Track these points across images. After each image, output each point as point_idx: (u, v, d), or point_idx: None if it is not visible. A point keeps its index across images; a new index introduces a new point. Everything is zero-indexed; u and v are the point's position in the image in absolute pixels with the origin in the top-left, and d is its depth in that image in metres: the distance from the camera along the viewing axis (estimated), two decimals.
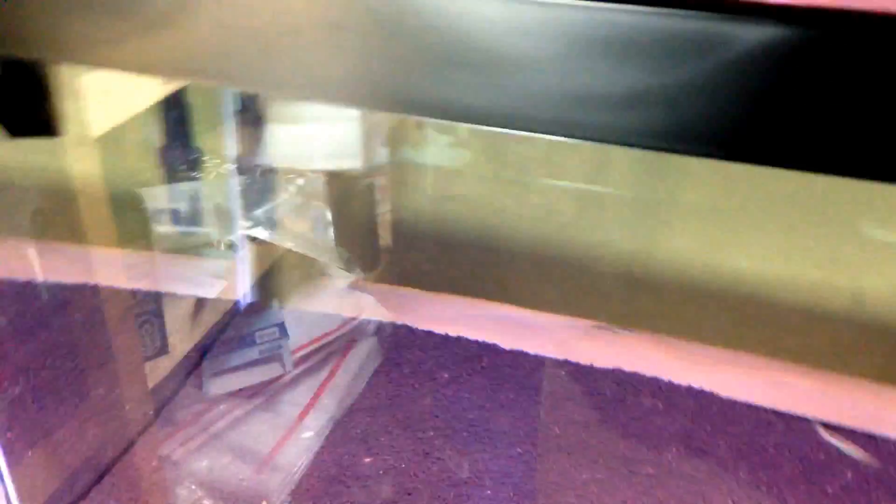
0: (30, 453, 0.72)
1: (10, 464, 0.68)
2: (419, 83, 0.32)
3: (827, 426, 0.81)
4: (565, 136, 0.31)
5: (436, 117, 0.32)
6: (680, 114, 0.29)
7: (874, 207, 0.95)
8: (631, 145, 0.31)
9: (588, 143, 0.31)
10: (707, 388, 0.84)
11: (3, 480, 0.68)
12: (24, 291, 0.79)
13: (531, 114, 0.31)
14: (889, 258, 0.95)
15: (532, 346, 0.90)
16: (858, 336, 0.99)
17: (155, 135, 0.87)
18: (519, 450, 0.77)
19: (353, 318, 0.97)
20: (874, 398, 0.84)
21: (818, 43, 0.26)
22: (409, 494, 0.74)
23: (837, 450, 0.78)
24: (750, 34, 0.27)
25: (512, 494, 0.73)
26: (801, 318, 1.01)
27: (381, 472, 0.76)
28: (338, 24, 0.31)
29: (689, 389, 0.84)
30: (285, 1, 0.32)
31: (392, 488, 0.74)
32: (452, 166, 1.12)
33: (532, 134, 0.31)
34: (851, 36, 0.26)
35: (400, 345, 0.92)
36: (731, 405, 0.82)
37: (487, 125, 0.32)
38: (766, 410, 0.82)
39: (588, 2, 0.28)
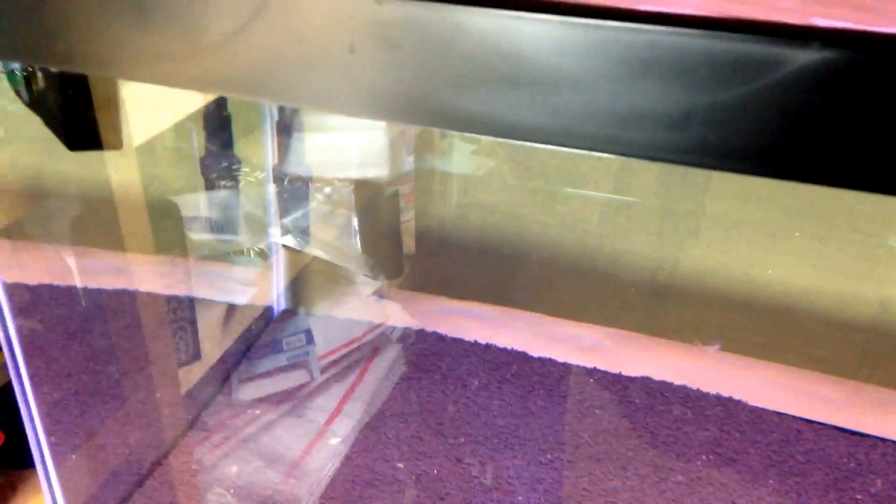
0: (73, 457, 0.74)
1: (54, 466, 0.70)
2: (471, 101, 0.33)
3: None
4: (613, 153, 0.32)
5: (487, 135, 0.33)
6: (724, 132, 0.30)
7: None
8: (677, 163, 0.32)
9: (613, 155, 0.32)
10: (736, 396, 0.85)
11: (50, 484, 0.70)
12: (65, 297, 0.81)
13: (579, 131, 0.32)
14: None
15: (560, 354, 0.90)
16: (885, 345, 0.99)
17: (194, 143, 0.88)
18: (549, 456, 0.78)
19: (379, 325, 0.98)
20: None
21: (859, 65, 0.27)
22: (442, 500, 0.74)
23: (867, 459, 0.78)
24: (794, 57, 0.28)
25: (542, 501, 0.74)
26: (828, 327, 1.01)
27: (412, 477, 0.77)
28: (393, 43, 0.32)
29: (718, 398, 0.84)
30: (337, 19, 0.33)
31: (423, 493, 0.75)
32: (477, 174, 1.13)
33: (580, 151, 0.32)
34: (888, 59, 0.27)
35: (430, 351, 0.93)
36: (760, 413, 0.83)
37: (537, 142, 0.33)
38: (794, 419, 0.82)
39: (636, 24, 0.29)
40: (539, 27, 0.30)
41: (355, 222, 1.05)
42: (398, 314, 1.01)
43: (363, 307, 1.02)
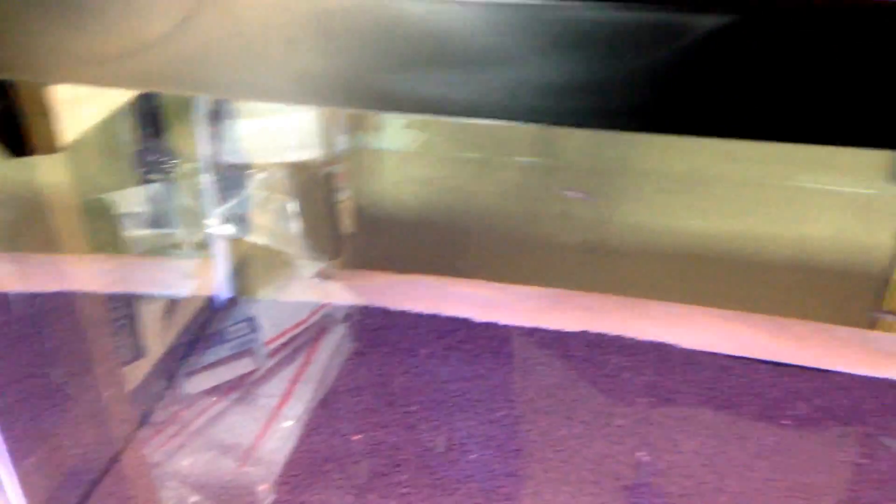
0: (25, 462, 0.74)
1: (14, 470, 0.70)
2: (406, 83, 0.34)
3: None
4: (541, 123, 0.35)
5: (424, 114, 0.35)
6: (640, 97, 0.32)
7: (808, 160, 1.00)
8: (600, 128, 0.34)
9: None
10: (668, 340, 0.89)
11: (6, 489, 0.69)
12: (2, 304, 0.80)
13: (508, 104, 0.34)
14: (827, 205, 1.01)
15: (503, 318, 0.93)
16: (804, 280, 1.06)
17: (125, 137, 0.87)
18: (499, 414, 0.81)
19: (323, 306, 0.99)
20: (820, 337, 0.90)
21: (752, 29, 0.30)
22: (398, 466, 0.77)
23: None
24: (697, 22, 0.30)
25: (495, 456, 0.77)
26: (751, 268, 1.06)
27: (369, 448, 0.79)
28: (329, 33, 0.34)
29: (652, 344, 0.89)
30: (274, 12, 0.34)
31: (381, 462, 0.78)
32: (410, 149, 1.15)
33: (503, 122, 0.35)
34: (769, 21, 0.30)
35: (375, 327, 0.94)
36: (692, 354, 0.88)
37: (471, 117, 0.35)
38: (724, 356, 0.87)
39: (552, 0, 0.31)
40: (464, 10, 0.32)
41: (292, 206, 1.05)
42: (341, 293, 1.02)
43: (306, 289, 1.03)
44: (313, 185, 1.11)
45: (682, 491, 0.73)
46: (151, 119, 0.86)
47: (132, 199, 0.90)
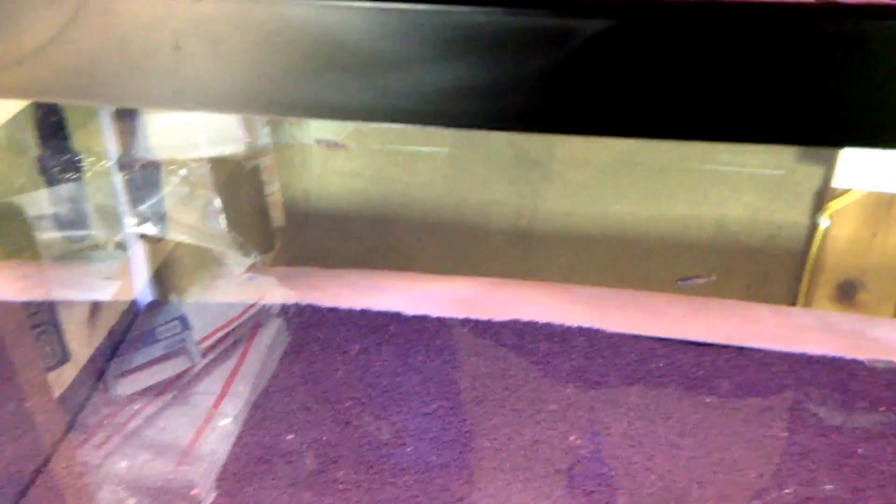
0: None
1: None
2: (300, 87, 0.34)
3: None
4: (439, 125, 0.35)
5: (321, 118, 0.35)
6: (532, 99, 0.33)
7: (723, 144, 1.04)
8: (496, 129, 0.35)
9: None
10: (595, 326, 0.92)
11: None
12: None
13: (407, 107, 0.34)
14: (743, 186, 1.05)
15: (434, 310, 0.94)
16: (725, 261, 1.10)
17: (27, 140, 0.84)
18: (433, 406, 0.82)
19: (256, 303, 0.98)
20: (741, 316, 0.94)
21: (635, 31, 0.31)
22: (335, 462, 0.77)
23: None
24: (583, 27, 0.31)
25: (431, 447, 0.78)
26: (673, 250, 1.10)
27: (304, 446, 0.79)
28: (216, 38, 0.33)
29: (580, 329, 0.91)
30: (158, 18, 0.33)
31: (316, 460, 0.78)
32: (335, 141, 1.14)
33: (410, 125, 0.35)
34: (654, 25, 0.31)
35: (307, 324, 0.94)
36: (619, 338, 0.90)
37: (370, 121, 0.35)
38: (649, 339, 0.90)
39: (444, 6, 0.32)
40: (356, 14, 0.32)
41: (217, 201, 1.03)
42: (274, 289, 1.01)
43: (237, 286, 1.02)
44: (238, 180, 1.09)
45: (613, 472, 0.76)
46: (53, 120, 0.83)
47: (42, 202, 0.87)
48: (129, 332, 0.95)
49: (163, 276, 1.02)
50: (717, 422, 0.81)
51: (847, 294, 1.04)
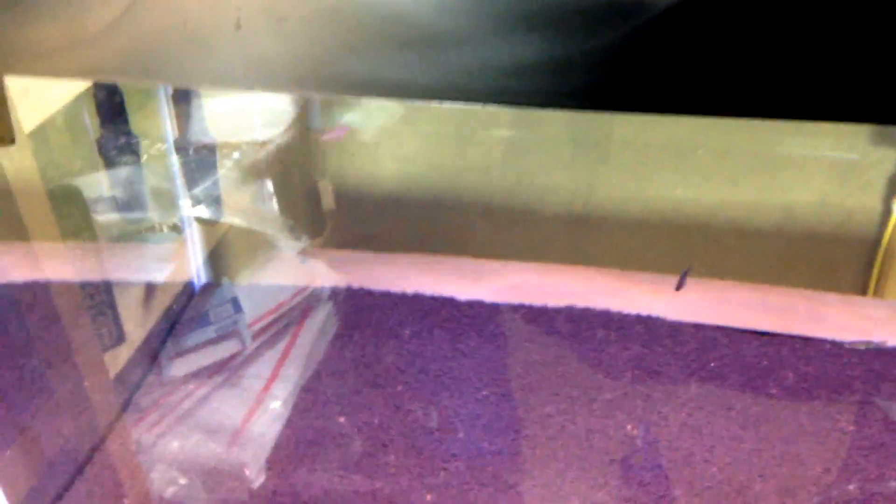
0: (7, 452, 0.72)
1: None
2: (361, 65, 0.33)
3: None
4: (501, 104, 0.33)
5: (380, 97, 0.33)
6: (600, 76, 0.31)
7: (790, 126, 0.99)
8: (562, 108, 0.33)
9: None
10: (654, 313, 0.89)
11: None
12: None
13: (467, 86, 0.33)
14: (812, 171, 1.01)
15: (487, 295, 0.92)
16: (790, 248, 1.05)
17: (87, 123, 0.85)
18: (484, 393, 0.81)
19: (307, 286, 0.98)
20: (807, 304, 0.90)
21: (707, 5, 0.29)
22: (385, 446, 0.76)
23: (781, 354, 0.84)
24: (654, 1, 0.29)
25: (482, 434, 0.76)
26: (737, 237, 1.06)
27: (354, 429, 0.78)
28: (279, 15, 0.32)
29: (639, 317, 0.88)
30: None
31: (367, 443, 0.77)
32: (389, 125, 1.13)
33: (471, 105, 0.33)
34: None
35: (359, 307, 0.93)
36: (678, 327, 0.87)
37: (429, 100, 0.34)
38: (710, 327, 0.87)
39: None
40: None
41: (269, 185, 1.04)
42: (324, 273, 1.00)
43: (288, 270, 1.02)
44: (291, 163, 1.09)
45: (671, 464, 0.73)
46: (113, 102, 0.84)
47: (101, 184, 0.88)
48: (182, 313, 0.95)
49: (216, 259, 1.02)
50: (780, 414, 0.77)
51: None
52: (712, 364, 0.82)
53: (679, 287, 0.85)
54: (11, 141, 0.59)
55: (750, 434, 0.75)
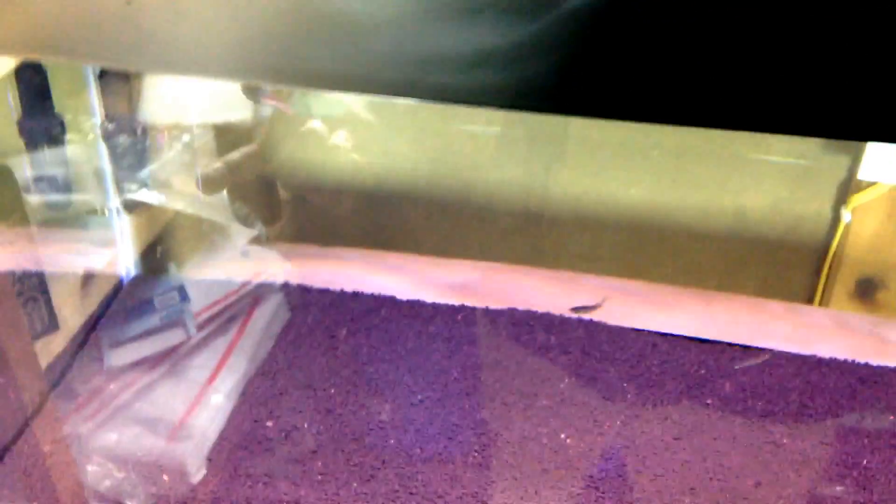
0: None
1: None
2: (263, 48, 0.31)
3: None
4: (417, 98, 0.31)
5: (288, 85, 0.32)
6: (523, 72, 0.29)
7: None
8: (480, 105, 0.31)
9: None
10: (596, 318, 0.88)
11: None
12: None
13: (382, 77, 0.31)
14: (765, 174, 1.00)
15: (429, 295, 0.91)
16: (742, 253, 1.05)
17: (10, 103, 0.81)
18: (419, 397, 0.79)
19: (257, 277, 0.96)
20: (750, 312, 0.90)
21: None
22: (313, 452, 0.75)
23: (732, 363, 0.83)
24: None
25: (414, 441, 0.75)
26: (689, 238, 1.05)
27: (283, 434, 0.77)
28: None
29: (580, 321, 0.88)
30: None
31: (295, 449, 0.75)
32: (343, 114, 1.10)
33: (383, 97, 0.31)
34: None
35: (297, 305, 0.91)
36: (619, 332, 0.86)
37: (342, 91, 0.32)
38: (650, 333, 0.86)
39: None
40: None
41: (220, 170, 1.01)
42: (275, 264, 0.98)
43: (237, 260, 1.00)
44: (242, 149, 1.06)
45: (602, 474, 0.73)
46: (38, 82, 0.80)
47: (31, 165, 0.85)
48: (124, 301, 0.93)
49: (163, 245, 1.00)
50: (715, 425, 0.77)
51: (866, 292, 1.00)
52: (650, 371, 0.82)
53: (578, 311, 0.84)
54: None
55: (683, 445, 0.75)
